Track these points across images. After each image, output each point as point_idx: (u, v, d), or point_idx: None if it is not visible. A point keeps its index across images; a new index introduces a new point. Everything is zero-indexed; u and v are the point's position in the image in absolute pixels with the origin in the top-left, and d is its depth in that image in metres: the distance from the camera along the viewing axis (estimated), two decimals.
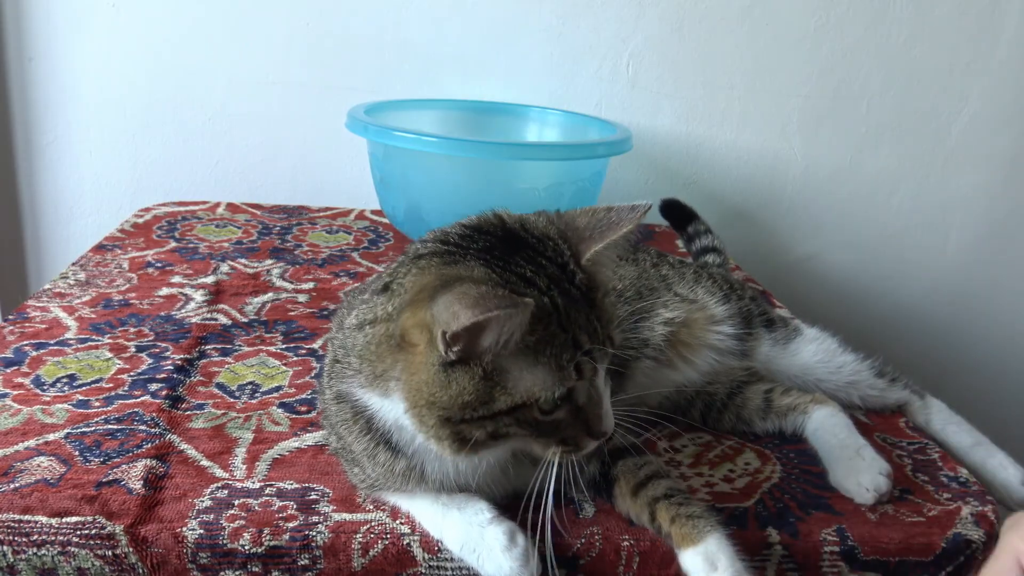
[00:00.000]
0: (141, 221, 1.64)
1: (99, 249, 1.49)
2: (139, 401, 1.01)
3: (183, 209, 1.72)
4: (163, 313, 1.25)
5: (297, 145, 1.82)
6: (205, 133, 1.81)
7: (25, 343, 1.13)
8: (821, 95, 1.81)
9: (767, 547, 0.83)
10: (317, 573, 0.80)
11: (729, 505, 0.88)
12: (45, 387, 1.03)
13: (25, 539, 0.78)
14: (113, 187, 1.84)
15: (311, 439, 0.95)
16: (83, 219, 1.86)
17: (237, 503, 0.83)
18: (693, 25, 1.76)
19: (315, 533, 0.80)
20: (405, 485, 0.81)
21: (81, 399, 1.00)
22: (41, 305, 1.24)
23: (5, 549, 0.78)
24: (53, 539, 0.78)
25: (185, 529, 0.79)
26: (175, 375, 1.07)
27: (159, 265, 1.43)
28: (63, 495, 0.82)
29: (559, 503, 0.83)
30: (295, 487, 0.86)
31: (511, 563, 0.76)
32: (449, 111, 1.72)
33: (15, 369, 1.06)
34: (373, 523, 0.82)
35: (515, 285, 0.70)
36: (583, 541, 0.82)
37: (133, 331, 1.19)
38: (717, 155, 1.84)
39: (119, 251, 1.48)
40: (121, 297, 1.29)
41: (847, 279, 1.94)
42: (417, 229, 0.77)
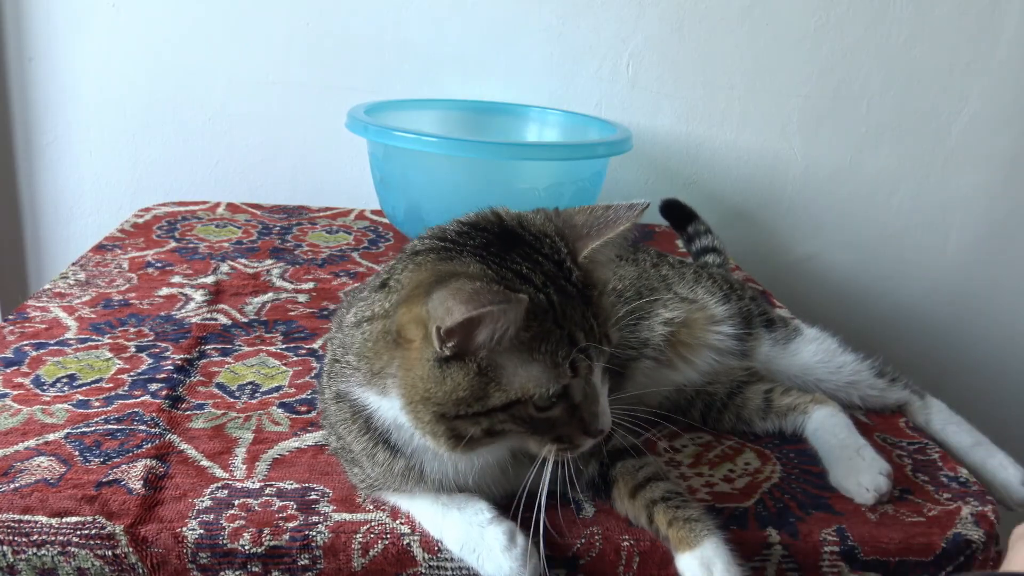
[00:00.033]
0: (141, 221, 1.64)
1: (99, 249, 1.49)
2: (139, 401, 1.01)
3: (183, 209, 1.72)
4: (163, 313, 1.25)
5: (297, 145, 1.82)
6: (205, 133, 1.81)
7: (25, 343, 1.13)
8: (821, 95, 1.81)
9: (767, 547, 0.83)
10: (317, 573, 0.80)
11: (729, 505, 0.87)
12: (45, 387, 1.03)
13: (25, 539, 0.78)
14: (113, 187, 1.84)
15: (311, 439, 0.95)
16: (83, 219, 1.86)
17: (237, 503, 0.83)
18: (693, 25, 1.76)
19: (315, 533, 0.80)
20: (404, 485, 0.81)
21: (81, 399, 1.00)
22: (41, 305, 1.24)
23: (5, 549, 0.78)
24: (53, 539, 0.78)
25: (185, 529, 0.79)
26: (175, 375, 1.07)
27: (159, 265, 1.43)
28: (63, 495, 0.82)
29: (558, 503, 0.83)
30: (295, 487, 0.86)
31: (511, 563, 0.76)
32: (449, 111, 1.72)
33: (15, 369, 1.06)
34: (373, 523, 0.82)
35: (510, 281, 0.70)
36: (583, 541, 0.82)
37: (133, 331, 1.19)
38: (717, 155, 1.84)
39: (119, 251, 1.48)
40: (121, 297, 1.29)
41: (847, 279, 1.94)
42: (417, 229, 0.77)
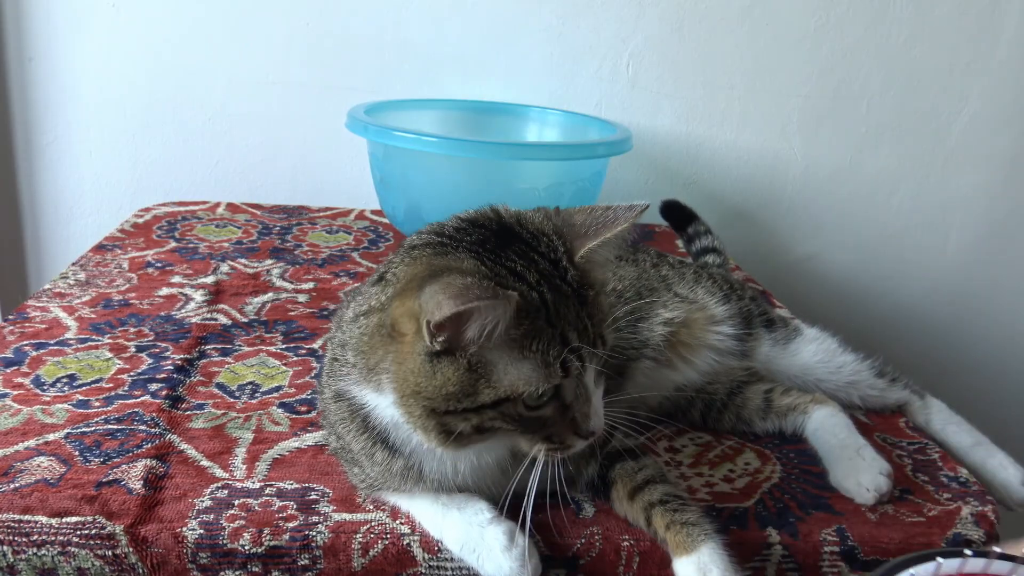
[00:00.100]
0: (141, 221, 1.64)
1: (99, 249, 1.49)
2: (139, 401, 1.01)
3: (183, 209, 1.72)
4: (163, 313, 1.25)
5: (297, 145, 1.82)
6: (205, 133, 1.81)
7: (25, 343, 1.13)
8: (821, 95, 1.81)
9: (767, 547, 0.83)
10: (317, 573, 0.80)
11: (729, 505, 0.88)
12: (45, 387, 1.03)
13: (25, 539, 0.78)
14: (113, 187, 1.84)
15: (311, 439, 0.95)
16: (83, 219, 1.86)
17: (237, 503, 0.83)
18: (693, 25, 1.76)
19: (315, 533, 0.80)
20: (404, 484, 0.81)
21: (81, 399, 1.00)
22: (41, 305, 1.24)
23: (5, 549, 0.78)
24: (53, 539, 0.78)
25: (185, 529, 0.79)
26: (175, 375, 1.07)
27: (159, 265, 1.43)
28: (63, 495, 0.82)
29: (560, 503, 0.83)
30: (295, 487, 0.86)
31: (511, 563, 0.76)
32: (449, 111, 1.72)
33: (15, 369, 1.06)
34: (373, 523, 0.82)
35: (503, 278, 0.70)
36: (583, 541, 0.82)
37: (133, 331, 1.19)
38: (717, 155, 1.84)
39: (119, 251, 1.48)
40: (121, 297, 1.29)
41: (847, 279, 1.94)
42: (417, 229, 0.77)
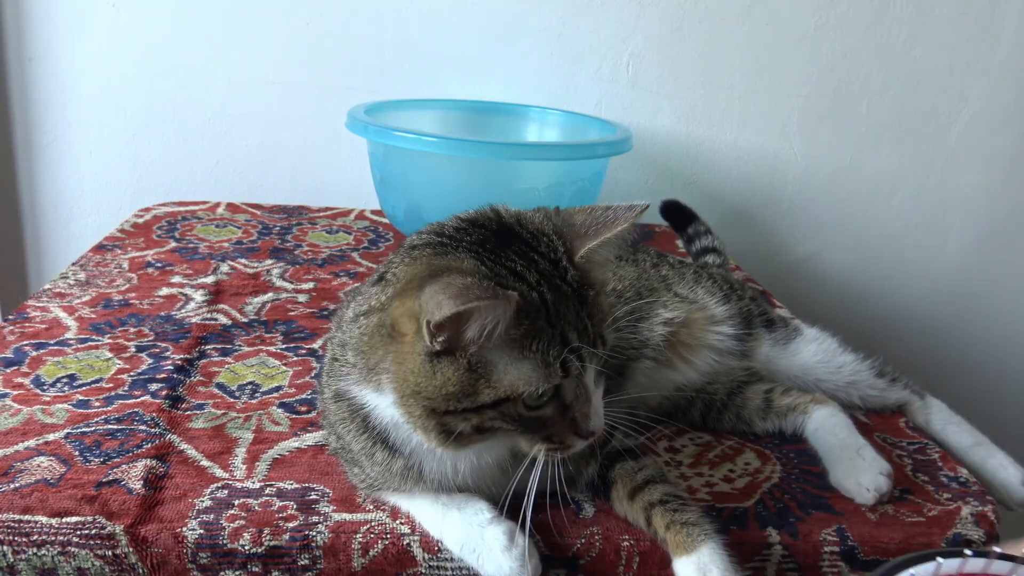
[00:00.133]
0: (141, 221, 1.64)
1: (99, 249, 1.49)
2: (139, 401, 1.01)
3: (183, 209, 1.72)
4: (163, 313, 1.25)
5: (297, 145, 1.82)
6: (205, 133, 1.81)
7: (25, 343, 1.13)
8: (821, 95, 1.81)
9: (767, 547, 0.83)
10: (317, 573, 0.80)
11: (729, 505, 0.88)
12: (45, 387, 1.03)
13: (25, 539, 0.78)
14: (113, 187, 1.84)
15: (311, 439, 0.95)
16: (83, 219, 1.86)
17: (237, 503, 0.83)
18: (693, 25, 1.76)
19: (315, 533, 0.80)
20: (404, 484, 0.81)
21: (81, 399, 1.00)
22: (41, 305, 1.24)
23: (5, 549, 0.78)
24: (53, 539, 0.78)
25: (185, 529, 0.79)
26: (175, 375, 1.07)
27: (159, 265, 1.43)
28: (63, 495, 0.82)
29: (560, 503, 0.83)
30: (295, 487, 0.86)
31: (511, 563, 0.76)
32: (449, 111, 1.72)
33: (15, 369, 1.06)
34: (373, 523, 0.82)
35: (503, 278, 0.70)
36: (583, 541, 0.82)
37: (133, 331, 1.19)
38: (717, 155, 1.84)
39: (119, 251, 1.48)
40: (121, 297, 1.29)
41: (847, 279, 1.94)
42: (417, 229, 0.78)
